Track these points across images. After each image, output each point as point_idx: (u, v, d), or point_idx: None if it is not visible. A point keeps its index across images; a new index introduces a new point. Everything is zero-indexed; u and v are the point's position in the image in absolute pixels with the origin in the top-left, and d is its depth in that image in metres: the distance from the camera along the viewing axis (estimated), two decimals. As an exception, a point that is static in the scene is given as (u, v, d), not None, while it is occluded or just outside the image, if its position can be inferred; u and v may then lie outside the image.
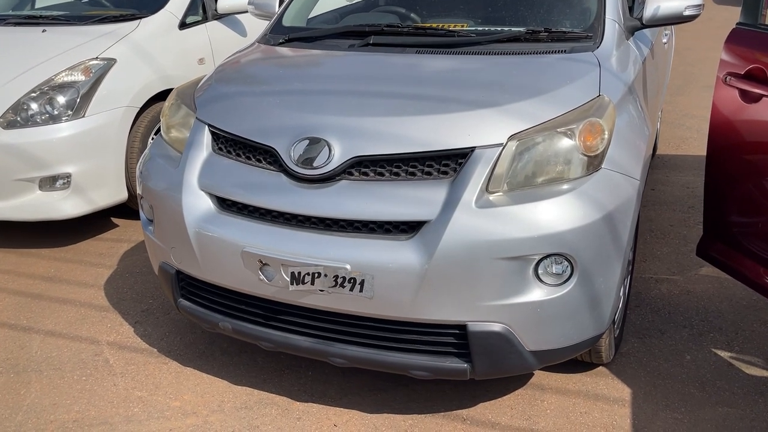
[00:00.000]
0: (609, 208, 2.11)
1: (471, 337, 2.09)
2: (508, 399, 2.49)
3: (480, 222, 2.01)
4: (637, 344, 2.80)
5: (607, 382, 2.57)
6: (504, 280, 2.04)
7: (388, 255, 2.06)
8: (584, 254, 2.06)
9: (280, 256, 2.14)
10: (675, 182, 4.60)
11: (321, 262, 2.10)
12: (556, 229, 2.01)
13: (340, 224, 2.16)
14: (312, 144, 2.20)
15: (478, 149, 2.10)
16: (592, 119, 2.17)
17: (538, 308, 2.07)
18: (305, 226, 2.20)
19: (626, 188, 2.20)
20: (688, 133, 5.71)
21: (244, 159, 2.36)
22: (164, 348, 2.86)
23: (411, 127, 2.16)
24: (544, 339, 2.14)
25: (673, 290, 3.21)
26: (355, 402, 2.50)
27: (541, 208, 2.03)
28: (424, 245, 2.04)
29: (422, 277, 2.03)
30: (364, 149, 2.16)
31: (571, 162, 2.13)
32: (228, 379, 2.65)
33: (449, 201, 2.06)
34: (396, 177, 2.15)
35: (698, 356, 2.72)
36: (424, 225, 2.07)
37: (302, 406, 2.49)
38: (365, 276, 2.07)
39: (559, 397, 2.49)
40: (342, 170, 2.17)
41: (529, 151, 2.12)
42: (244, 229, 2.25)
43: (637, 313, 3.03)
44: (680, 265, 3.46)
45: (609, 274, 2.15)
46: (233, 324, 2.38)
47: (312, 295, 2.17)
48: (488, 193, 2.08)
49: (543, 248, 2.01)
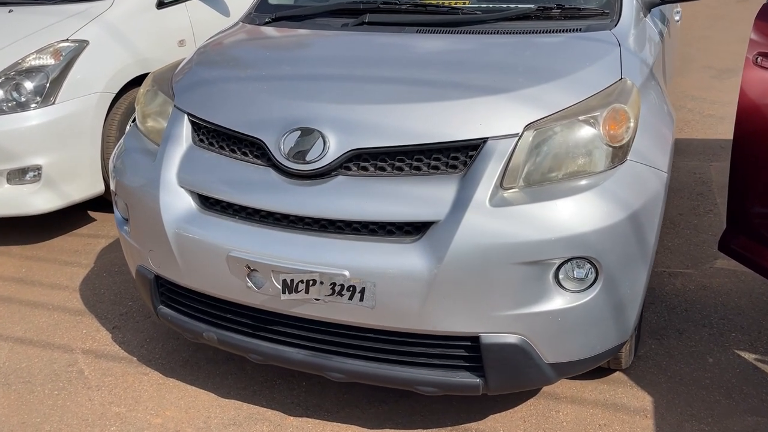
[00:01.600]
0: (636, 206, 1.89)
1: (484, 350, 1.88)
2: (521, 410, 2.29)
3: (494, 223, 1.80)
4: (656, 346, 2.61)
5: (626, 389, 2.38)
6: (521, 287, 1.82)
7: (391, 260, 1.84)
8: (609, 257, 1.85)
9: (270, 261, 1.92)
10: (681, 168, 4.40)
11: (316, 268, 1.88)
12: (578, 230, 1.80)
13: (336, 225, 1.94)
14: (304, 135, 1.96)
15: (490, 140, 1.88)
16: (617, 105, 1.95)
17: (558, 317, 1.86)
18: (298, 227, 1.97)
19: (654, 182, 1.98)
20: (690, 116, 5.50)
21: (228, 152, 2.12)
22: (144, 356, 2.63)
23: (415, 115, 1.92)
24: (564, 350, 1.93)
25: (688, 285, 3.02)
26: (354, 416, 2.29)
27: (561, 206, 1.82)
28: (432, 249, 1.82)
29: (430, 285, 1.81)
30: (363, 141, 1.93)
31: (593, 153, 1.91)
32: (215, 392, 2.43)
33: (459, 199, 1.84)
34: (399, 172, 1.92)
35: (721, 359, 2.53)
36: (432, 226, 1.85)
37: (296, 422, 2.27)
38: (366, 283, 1.85)
39: (575, 407, 2.30)
40: (338, 165, 1.94)
41: (547, 141, 1.90)
42: (229, 231, 2.02)
43: (652, 311, 2.83)
44: (693, 257, 3.27)
45: (635, 278, 1.95)
46: (218, 334, 2.16)
47: (306, 305, 1.95)
48: (503, 189, 1.86)
49: (564, 251, 1.80)
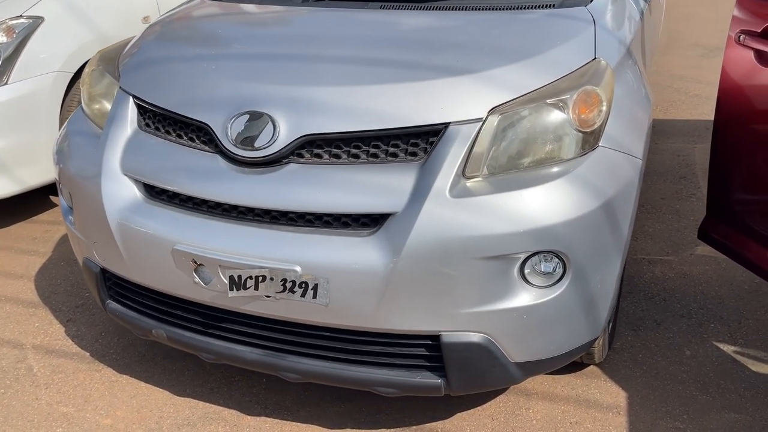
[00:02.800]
0: (608, 195, 1.77)
1: (445, 350, 1.77)
2: (489, 408, 2.19)
3: (455, 214, 1.67)
4: (631, 337, 2.51)
5: (600, 384, 2.28)
6: (484, 283, 1.71)
7: (346, 254, 1.71)
8: (579, 250, 1.73)
9: (217, 255, 1.79)
10: (664, 150, 4.29)
11: (266, 263, 1.75)
12: (545, 222, 1.68)
13: (288, 217, 1.81)
14: (253, 120, 1.82)
15: (452, 125, 1.75)
16: (588, 87, 1.82)
17: (524, 315, 1.75)
18: (247, 219, 1.84)
19: (627, 170, 1.86)
20: (677, 96, 5.38)
21: (174, 137, 1.98)
22: (98, 352, 2.50)
23: (372, 98, 1.79)
24: (531, 349, 1.83)
25: (667, 273, 2.92)
26: (315, 415, 2.18)
27: (527, 196, 1.69)
28: (389, 242, 1.69)
29: (386, 281, 1.69)
30: (316, 126, 1.79)
31: (563, 139, 1.78)
32: (170, 389, 2.31)
33: (418, 189, 1.71)
34: (355, 160, 1.79)
35: (699, 351, 2.43)
36: (389, 218, 1.72)
37: (253, 422, 2.16)
38: (318, 280, 1.73)
39: (546, 404, 2.20)
40: (290, 151, 1.81)
41: (513, 126, 1.77)
42: (175, 222, 1.88)
43: (629, 301, 2.73)
44: (674, 243, 3.16)
45: (607, 272, 1.83)
46: (168, 331, 2.04)
47: (257, 302, 1.82)
48: (465, 178, 1.74)
49: (530, 245, 1.68)
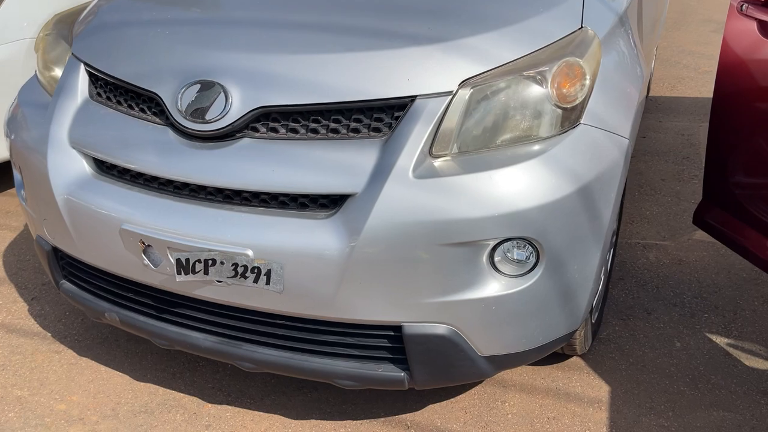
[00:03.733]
0: (588, 178, 1.63)
1: (407, 342, 1.64)
2: (463, 400, 2.08)
3: (417, 196, 1.53)
4: (620, 327, 2.38)
5: (582, 377, 2.16)
6: (449, 272, 1.57)
7: (301, 238, 1.58)
8: (554, 238, 1.59)
9: (165, 236, 1.66)
10: (669, 128, 4.11)
11: (215, 245, 1.62)
12: (516, 207, 1.54)
13: (242, 196, 1.68)
14: (204, 90, 1.68)
15: (419, 99, 1.60)
16: (570, 59, 1.67)
17: (493, 305, 1.62)
18: (199, 197, 1.71)
19: (611, 150, 1.71)
20: (685, 72, 5.17)
21: (125, 108, 1.84)
22: (60, 332, 2.40)
23: (333, 68, 1.64)
24: (501, 342, 1.70)
25: (663, 259, 2.77)
26: (279, 404, 2.07)
27: (497, 178, 1.55)
28: (347, 226, 1.56)
29: (344, 268, 1.56)
30: (272, 97, 1.65)
31: (540, 116, 1.63)
32: (130, 374, 2.20)
33: (380, 168, 1.57)
34: (314, 135, 1.65)
35: (690, 343, 2.30)
36: (348, 199, 1.59)
37: (214, 410, 2.06)
38: (272, 265, 1.60)
39: (523, 397, 2.08)
40: (243, 125, 1.67)
41: (486, 101, 1.62)
42: (123, 200, 1.76)
43: (620, 288, 2.59)
44: (672, 228, 3.01)
45: (585, 261, 1.70)
46: (121, 315, 1.92)
47: (208, 287, 1.70)
48: (432, 157, 1.59)
49: (499, 231, 1.54)
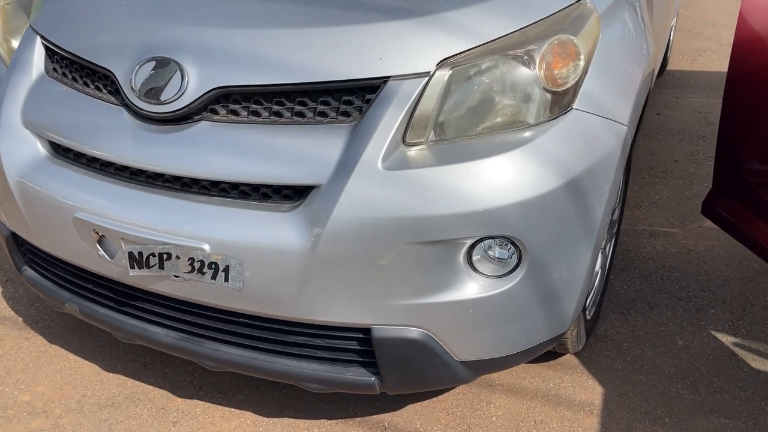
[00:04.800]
0: (577, 170, 1.47)
1: (377, 346, 1.52)
2: (446, 400, 1.95)
3: (385, 190, 1.39)
4: (619, 322, 2.23)
5: (574, 377, 2.03)
6: (421, 272, 1.44)
7: (260, 232, 1.45)
8: (538, 236, 1.44)
9: (118, 227, 1.54)
10: (685, 105, 3.90)
11: (170, 238, 1.50)
12: (495, 203, 1.39)
13: (201, 185, 1.55)
14: (159, 67, 1.54)
15: (392, 80, 1.44)
16: (563, 37, 1.50)
17: (470, 308, 1.48)
18: (155, 185, 1.58)
19: (607, 138, 1.55)
20: (707, 44, 4.92)
21: (81, 86, 1.71)
22: (31, 317, 2.31)
23: (299, 45, 1.49)
24: (480, 347, 1.56)
25: (670, 248, 2.61)
26: (252, 400, 1.97)
27: (475, 170, 1.40)
28: (310, 220, 1.43)
29: (307, 266, 1.43)
30: (233, 77, 1.50)
31: (528, 100, 1.47)
32: (100, 363, 2.11)
33: (347, 157, 1.42)
34: (278, 119, 1.50)
35: (693, 342, 2.15)
36: (313, 191, 1.45)
37: (183, 405, 1.96)
38: (230, 261, 1.47)
39: (510, 398, 1.95)
40: (201, 107, 1.53)
41: (467, 83, 1.46)
42: (78, 186, 1.64)
43: (622, 279, 2.44)
44: (682, 214, 2.84)
45: (574, 261, 1.55)
46: (81, 306, 1.82)
47: (165, 282, 1.58)
48: (406, 145, 1.44)
49: (476, 230, 1.40)
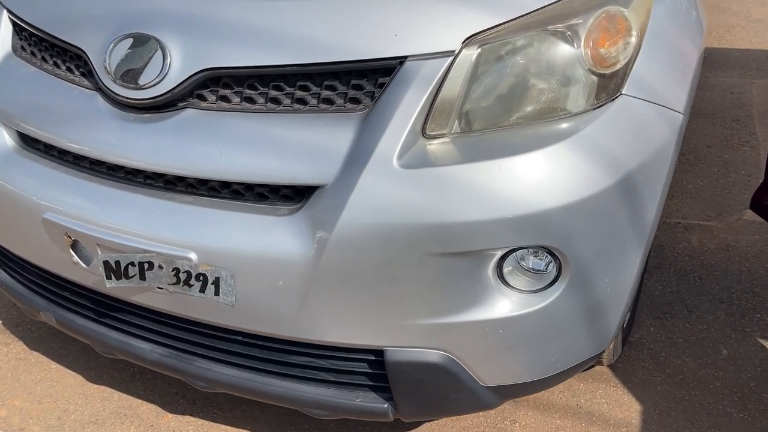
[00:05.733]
0: (629, 166, 1.25)
1: (391, 370, 1.31)
2: (466, 418, 1.75)
3: (403, 192, 1.17)
4: (655, 328, 2.02)
5: (608, 391, 1.82)
6: (444, 286, 1.22)
7: (256, 239, 1.24)
8: (581, 246, 1.23)
9: (93, 231, 1.33)
10: (716, 85, 3.65)
11: (152, 245, 1.29)
12: (534, 207, 1.17)
13: (187, 183, 1.33)
14: (137, 46, 1.32)
15: (410, 61, 1.22)
16: (611, 9, 1.27)
17: (500, 329, 1.27)
18: (136, 182, 1.37)
19: (661, 129, 1.32)
20: (735, 20, 4.64)
21: (51, 67, 1.49)
22: (12, 320, 2.12)
23: (300, 19, 1.26)
24: (509, 370, 1.36)
25: (707, 243, 2.39)
26: (251, 417, 1.78)
27: (511, 168, 1.18)
28: (314, 225, 1.21)
29: (310, 279, 1.22)
30: (223, 57, 1.28)
31: (571, 84, 1.25)
32: (84, 374, 1.92)
33: (357, 152, 1.21)
34: (275, 106, 1.28)
35: (739, 351, 1.94)
36: (316, 192, 1.24)
37: (174, 422, 1.77)
38: (220, 272, 1.27)
39: (537, 416, 1.75)
40: (187, 92, 1.31)
41: (499, 64, 1.23)
42: (48, 182, 1.43)
43: (657, 278, 2.23)
44: (718, 205, 2.61)
45: (621, 272, 1.33)
46: (57, 314, 1.62)
47: (148, 294, 1.38)
48: (426, 138, 1.22)
49: (510, 239, 1.18)
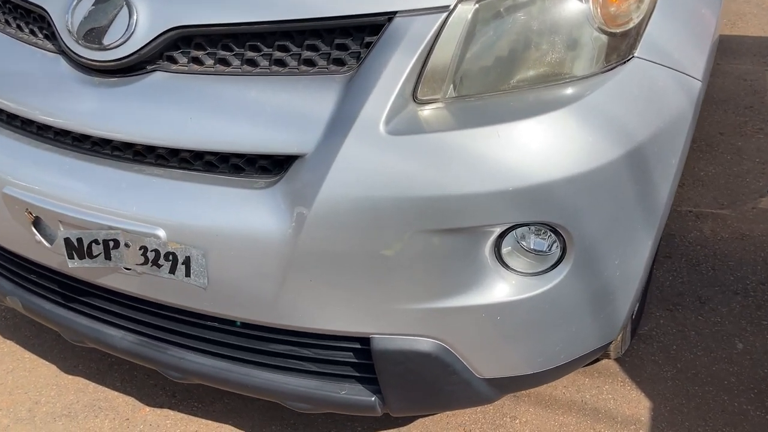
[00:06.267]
0: (640, 137, 1.13)
1: (378, 359, 1.20)
2: (462, 414, 1.64)
3: (390, 161, 1.06)
4: (665, 320, 1.90)
5: (615, 387, 1.70)
6: (436, 268, 1.11)
7: (228, 214, 1.13)
8: (588, 223, 1.11)
9: (55, 206, 1.22)
10: (728, 72, 3.52)
11: (117, 221, 1.18)
12: (535, 179, 1.05)
13: (157, 154, 1.22)
14: (101, 2, 1.20)
15: (400, 17, 1.10)
16: (624, -39, 1.15)
17: (498, 315, 1.15)
18: (102, 154, 1.26)
19: (677, 97, 1.20)
20: (746, 7, 4.50)
21: (14, 30, 1.38)
22: (-14, 307, 2.02)
23: (280, -27, 1.15)
24: (508, 361, 1.24)
25: (720, 232, 2.27)
26: (233, 411, 1.67)
27: (510, 135, 1.06)
28: (293, 199, 1.10)
29: (288, 259, 1.11)
30: (194, 14, 1.16)
31: (577, 45, 1.13)
32: (58, 364, 1.81)
33: (340, 117, 1.09)
34: (251, 68, 1.17)
35: (755, 345, 1.82)
36: (296, 162, 1.12)
37: (151, 415, 1.66)
38: (190, 251, 1.15)
39: (539, 413, 1.64)
40: (155, 53, 1.19)
41: (497, 22, 1.11)
42: (8, 154, 1.32)
43: (667, 268, 2.10)
44: (732, 193, 2.49)
45: (632, 253, 1.21)
46: (24, 299, 1.51)
47: (115, 276, 1.27)
48: (417, 103, 1.11)
49: (509, 214, 1.06)
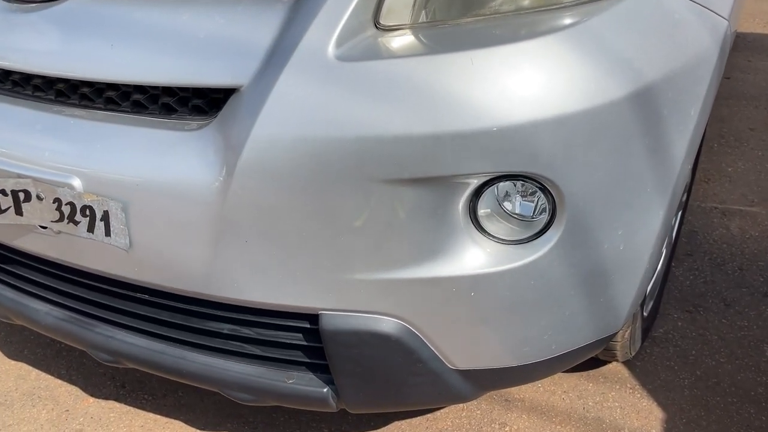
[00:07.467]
0: (650, 76, 0.92)
1: (328, 340, 1.00)
2: (445, 418, 1.43)
3: (339, 93, 0.87)
4: (684, 323, 1.68)
5: (623, 395, 1.48)
6: (398, 228, 0.91)
7: (150, 159, 0.95)
8: (581, 177, 0.91)
9: (-37, 153, 1.06)
10: (760, 69, 3.30)
11: (27, 169, 1.01)
12: (517, 117, 0.85)
13: (80, 93, 1.05)
14: None
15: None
16: None
17: (472, 289, 0.95)
18: (18, 93, 1.09)
19: (697, 34, 1.00)
20: (781, 8, 4.27)
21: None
22: (-63, 287, 1.86)
23: None
24: (486, 349, 1.03)
25: (749, 231, 2.04)
26: (186, 405, 1.48)
27: (487, 62, 0.87)
28: (224, 143, 0.92)
29: (218, 215, 0.92)
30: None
31: (574, -34, 0.94)
32: (2, 348, 1.64)
33: (282, 44, 0.91)
34: (188, -8, 1.00)
35: (788, 353, 1.59)
36: (231, 98, 0.94)
37: (95, 407, 1.48)
38: (108, 204, 0.97)
39: (533, 421, 1.42)
40: (79, -25, 1.03)
41: (478, -65, 0.93)
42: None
43: (687, 267, 1.88)
44: (763, 190, 2.26)
45: (639, 223, 1.00)
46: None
47: (31, 236, 1.09)
48: (380, 29, 0.92)
49: (486, 160, 0.86)
